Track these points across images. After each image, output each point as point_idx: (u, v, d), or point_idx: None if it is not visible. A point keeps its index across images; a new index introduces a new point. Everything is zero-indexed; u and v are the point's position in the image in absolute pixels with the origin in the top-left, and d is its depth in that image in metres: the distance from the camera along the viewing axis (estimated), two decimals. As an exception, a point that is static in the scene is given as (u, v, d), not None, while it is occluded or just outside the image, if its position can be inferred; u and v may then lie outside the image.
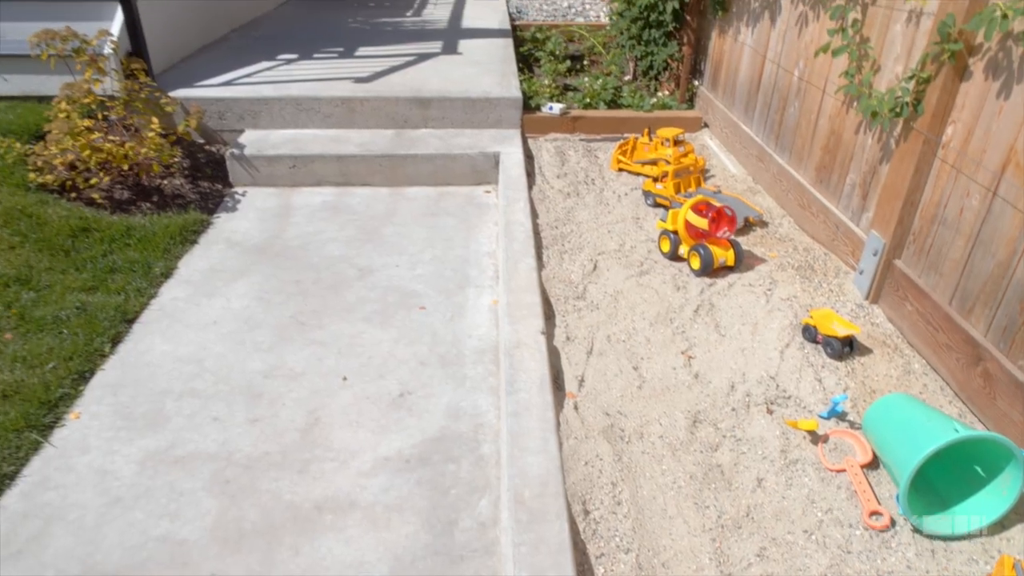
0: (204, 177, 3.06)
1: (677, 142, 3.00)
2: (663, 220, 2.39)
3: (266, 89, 3.26)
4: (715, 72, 3.45)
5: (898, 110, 1.82)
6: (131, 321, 2.18)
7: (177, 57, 3.66)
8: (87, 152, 2.66)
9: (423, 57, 3.88)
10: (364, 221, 2.81)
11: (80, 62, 2.86)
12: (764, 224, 2.58)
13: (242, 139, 3.15)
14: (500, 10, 5.43)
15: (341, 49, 4.02)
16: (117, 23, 3.18)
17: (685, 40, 3.64)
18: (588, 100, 3.54)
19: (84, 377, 1.95)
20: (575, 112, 3.45)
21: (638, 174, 3.08)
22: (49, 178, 2.67)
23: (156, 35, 3.33)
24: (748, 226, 2.55)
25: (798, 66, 2.56)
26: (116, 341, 2.09)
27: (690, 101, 3.68)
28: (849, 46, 2.08)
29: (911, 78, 1.79)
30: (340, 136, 3.20)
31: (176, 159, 2.96)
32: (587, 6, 6.11)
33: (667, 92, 3.74)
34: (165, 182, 2.93)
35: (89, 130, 2.73)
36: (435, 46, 4.15)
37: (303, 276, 2.43)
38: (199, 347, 2.07)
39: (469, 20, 4.99)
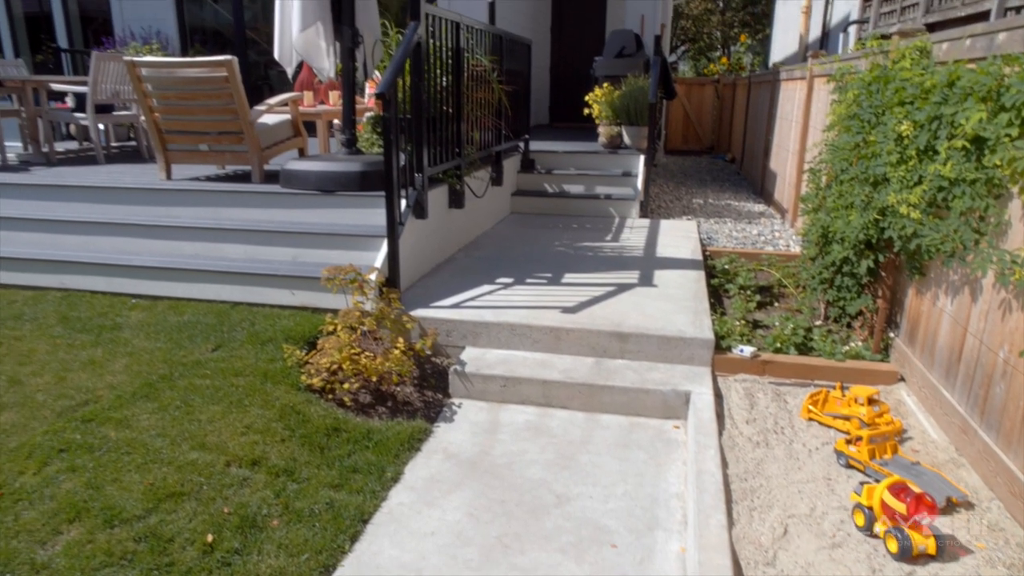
0: (428, 387, 3.57)
1: (872, 401, 3.05)
2: (857, 493, 2.43)
3: (487, 314, 3.80)
4: (912, 329, 3.50)
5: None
6: (366, 521, 2.56)
7: (416, 276, 4.40)
8: (348, 364, 3.28)
9: (622, 288, 4.32)
10: (562, 446, 3.10)
11: (352, 288, 3.59)
12: (970, 506, 2.51)
13: (463, 356, 3.67)
14: (692, 237, 5.88)
15: (549, 275, 4.59)
16: (380, 255, 3.96)
17: (880, 293, 3.76)
18: (778, 344, 3.72)
19: (328, 570, 2.31)
20: (765, 356, 3.63)
21: (829, 426, 3.14)
22: (315, 380, 3.29)
23: (403, 260, 4.07)
24: (951, 506, 2.49)
25: (1003, 349, 2.60)
26: (354, 539, 2.47)
27: (885, 352, 3.72)
28: (1057, 351, 2.13)
29: None
30: (546, 361, 3.61)
31: (410, 370, 3.51)
32: (776, 234, 6.42)
33: (860, 340, 3.82)
34: (398, 389, 3.47)
35: (350, 345, 3.36)
36: (632, 276, 4.60)
37: (507, 497, 2.73)
38: (418, 556, 2.39)
39: (663, 248, 5.46)
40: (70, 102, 7.17)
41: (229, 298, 4.13)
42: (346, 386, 3.29)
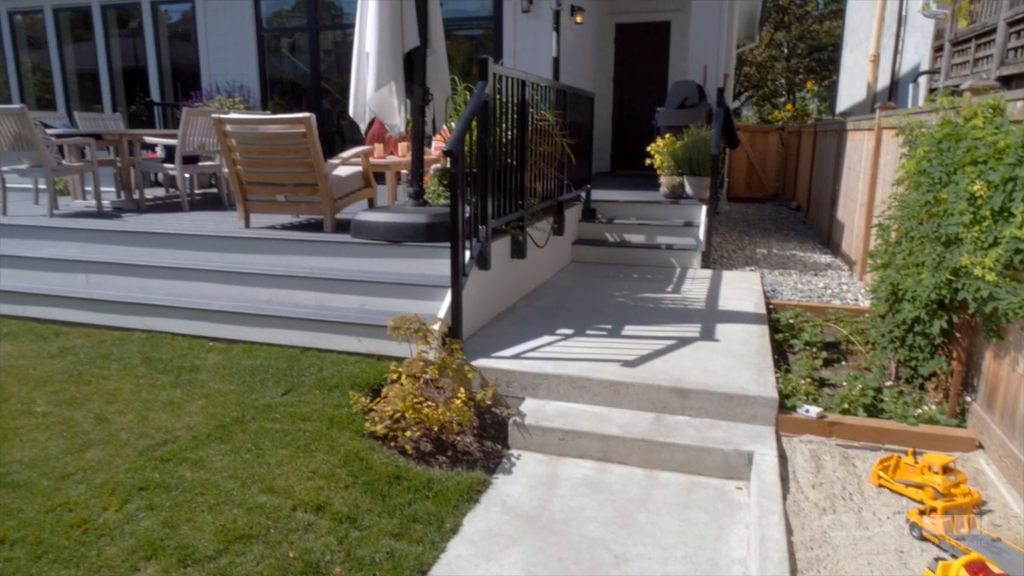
0: (487, 437, 3.61)
1: (947, 469, 2.93)
2: (932, 569, 2.33)
3: (547, 366, 3.84)
4: (990, 393, 3.36)
5: None
6: (424, 572, 2.59)
7: (478, 325, 4.48)
8: (410, 413, 3.36)
9: (683, 341, 4.29)
10: (621, 503, 3.08)
11: (416, 337, 3.69)
12: (1056, 589, 2.37)
13: (523, 407, 3.70)
14: (755, 289, 5.80)
15: (609, 326, 4.60)
16: (444, 305, 4.07)
17: (955, 355, 3.62)
18: (846, 405, 3.61)
19: (387, 622, 2.35)
20: (832, 417, 3.53)
21: (901, 495, 3.02)
22: (379, 428, 3.38)
23: (466, 310, 4.16)
24: (1035, 588, 2.36)
25: (1090, 421, 2.47)
26: (413, 591, 2.51)
27: (961, 416, 3.56)
28: None
29: None
30: (605, 415, 3.61)
31: (470, 420, 3.56)
32: (844, 287, 6.26)
33: (935, 403, 3.67)
34: (458, 439, 3.52)
35: (413, 394, 3.45)
36: (694, 330, 4.57)
37: (565, 554, 2.72)
38: (476, 612, 2.40)
39: (725, 300, 5.40)
40: (160, 152, 7.67)
41: (299, 343, 4.30)
42: (408, 434, 3.36)
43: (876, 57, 10.60)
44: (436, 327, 3.81)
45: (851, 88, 13.50)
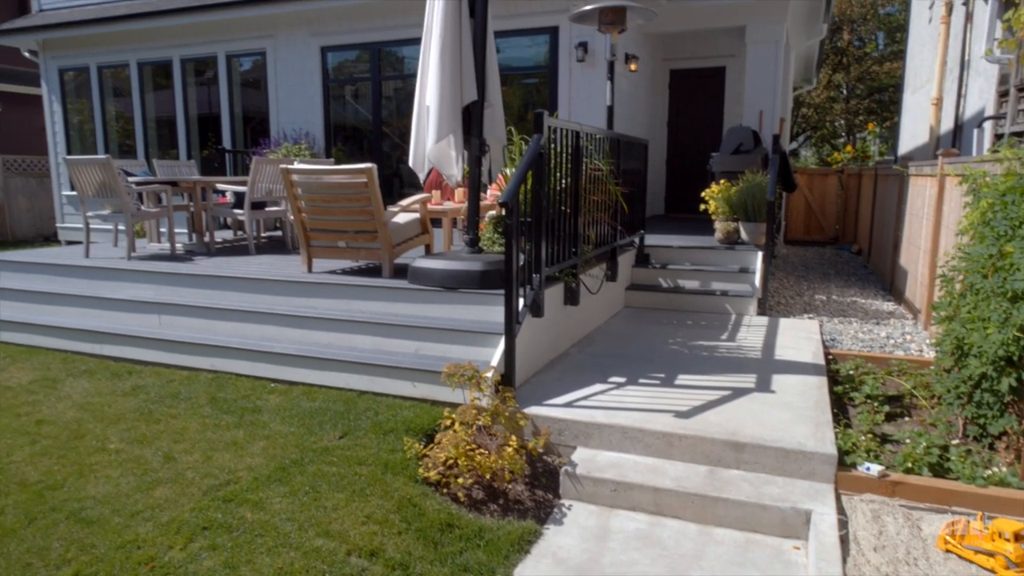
0: (539, 486, 3.62)
1: (1019, 537, 2.80)
2: (1002, 646, 2.22)
3: (598, 415, 3.84)
4: (1066, 456, 3.20)
5: None
6: (475, 624, 2.62)
7: (530, 372, 4.52)
8: (463, 460, 3.40)
9: (737, 392, 4.24)
10: (674, 560, 3.04)
11: (470, 384, 3.76)
12: None
13: (574, 456, 3.70)
14: (814, 339, 5.68)
15: (662, 375, 4.57)
16: (497, 352, 4.13)
17: (1026, 414, 3.48)
18: (909, 464, 3.50)
19: (437, 673, 2.37)
20: (895, 476, 3.42)
21: (971, 562, 2.89)
22: (432, 474, 3.43)
23: (519, 357, 4.20)
24: (1119, 671, 2.22)
25: None
26: (463, 642, 2.52)
27: (1035, 479, 3.40)
28: None
29: None
30: (657, 467, 3.58)
31: (522, 469, 3.59)
32: (907, 337, 6.07)
33: (1005, 464, 3.52)
34: (510, 487, 3.54)
35: (466, 441, 3.50)
36: (749, 380, 4.50)
37: (616, 611, 2.70)
38: (525, 667, 2.40)
39: (782, 349, 5.31)
40: (230, 198, 8.07)
41: (356, 387, 4.42)
42: (460, 481, 3.40)
43: (939, 100, 10.39)
44: (489, 375, 3.87)
45: (913, 130, 13.22)
